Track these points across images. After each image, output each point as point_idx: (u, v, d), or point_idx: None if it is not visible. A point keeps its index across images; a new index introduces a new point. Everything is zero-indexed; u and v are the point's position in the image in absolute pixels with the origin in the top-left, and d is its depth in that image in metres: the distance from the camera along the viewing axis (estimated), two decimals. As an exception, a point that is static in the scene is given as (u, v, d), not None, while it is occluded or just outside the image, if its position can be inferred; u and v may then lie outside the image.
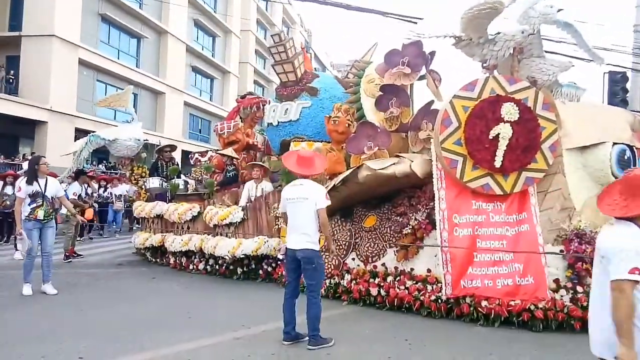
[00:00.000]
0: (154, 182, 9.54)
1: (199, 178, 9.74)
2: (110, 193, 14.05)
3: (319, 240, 4.45)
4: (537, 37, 6.57)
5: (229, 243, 7.28)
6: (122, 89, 22.06)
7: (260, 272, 7.42)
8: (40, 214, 6.25)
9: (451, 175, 5.23)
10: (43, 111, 19.54)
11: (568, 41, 8.45)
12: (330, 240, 4.59)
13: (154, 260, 9.11)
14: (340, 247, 6.14)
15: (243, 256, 7.16)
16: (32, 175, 6.37)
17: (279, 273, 6.92)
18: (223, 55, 34.35)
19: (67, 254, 9.36)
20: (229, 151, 9.11)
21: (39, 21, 19.40)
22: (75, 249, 9.79)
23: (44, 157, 7.15)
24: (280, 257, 6.92)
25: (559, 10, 6.55)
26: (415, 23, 10.27)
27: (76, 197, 9.83)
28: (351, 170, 5.44)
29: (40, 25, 19.41)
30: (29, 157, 18.17)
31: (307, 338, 4.37)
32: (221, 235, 7.63)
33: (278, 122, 8.59)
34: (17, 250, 9.16)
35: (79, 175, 10.54)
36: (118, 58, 24.27)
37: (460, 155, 5.17)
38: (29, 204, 6.25)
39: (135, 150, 9.93)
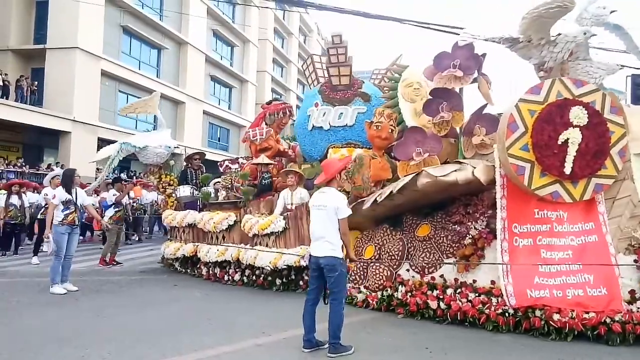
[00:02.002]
0: (185, 191, 9.36)
1: (229, 186, 9.56)
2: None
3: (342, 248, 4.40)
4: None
5: (270, 254, 7.07)
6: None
7: (301, 282, 7.20)
8: (76, 219, 7.02)
9: (517, 182, 4.99)
10: (67, 121, 19.91)
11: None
12: (350, 249, 4.53)
13: (183, 270, 8.83)
14: (392, 257, 5.91)
15: (285, 267, 6.96)
16: (69, 185, 7.06)
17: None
18: (241, 64, 34.62)
19: (105, 259, 9.34)
20: (262, 158, 8.95)
21: (62, 34, 19.87)
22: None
23: (77, 169, 7.71)
24: (303, 263, 6.74)
25: (611, 12, 6.34)
26: (434, 30, 10.11)
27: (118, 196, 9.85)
28: (410, 177, 5.23)
29: (64, 37, 19.89)
30: (54, 167, 18.51)
31: (327, 345, 4.32)
32: (260, 244, 7.44)
33: (330, 126, 8.33)
34: (35, 255, 9.69)
35: (115, 182, 10.66)
36: (139, 69, 24.70)
37: (527, 162, 4.93)
38: (62, 211, 6.90)
39: (164, 157, 9.82)
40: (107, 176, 11.44)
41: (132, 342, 4.58)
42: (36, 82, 20.24)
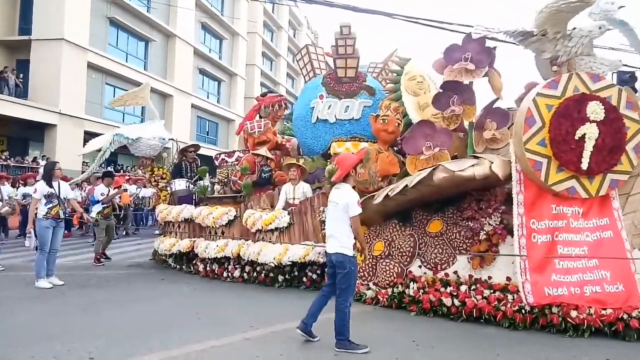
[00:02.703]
0: (181, 184, 9.07)
1: (225, 180, 9.29)
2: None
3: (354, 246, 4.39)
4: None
5: (274, 249, 6.92)
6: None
7: (305, 279, 7.08)
8: (59, 213, 6.95)
9: (534, 177, 4.94)
10: (52, 114, 19.52)
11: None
12: (364, 246, 4.53)
13: (178, 267, 8.58)
14: (403, 253, 5.82)
15: (289, 263, 6.83)
16: (49, 179, 6.98)
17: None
18: (230, 57, 34.19)
19: (97, 256, 8.99)
20: (264, 151, 8.75)
21: (48, 25, 19.42)
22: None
23: (58, 162, 7.69)
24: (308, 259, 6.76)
25: (619, 7, 6.31)
26: (423, 25, 10.02)
27: (105, 196, 9.30)
28: (427, 171, 5.12)
29: (49, 29, 19.44)
30: (39, 160, 18.14)
31: (317, 339, 4.40)
32: (262, 240, 7.28)
33: (336, 119, 8.15)
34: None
35: (105, 176, 10.13)
36: (126, 61, 24.24)
37: (544, 157, 4.87)
38: (45, 204, 6.86)
39: (158, 149, 9.48)
40: (96, 169, 11.06)
41: (120, 337, 4.58)
42: (21, 74, 19.68)
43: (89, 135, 20.83)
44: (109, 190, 9.46)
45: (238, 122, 34.85)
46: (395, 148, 7.61)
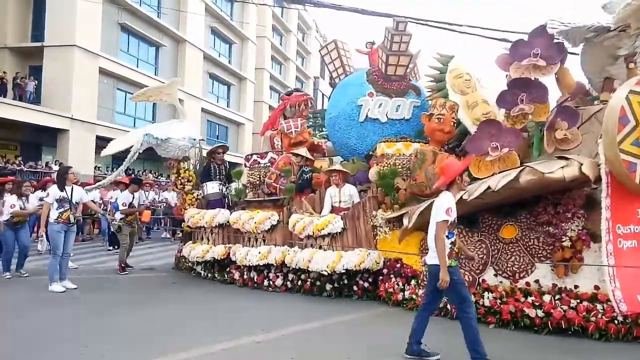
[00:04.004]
0: (214, 187, 8.59)
1: (256, 182, 8.69)
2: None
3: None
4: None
5: (326, 256, 6.56)
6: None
7: (355, 288, 6.74)
8: (70, 217, 6.98)
9: (627, 180, 4.62)
10: (65, 119, 19.63)
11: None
12: (442, 256, 3.96)
13: (210, 276, 8.15)
14: (474, 261, 5.50)
15: (343, 271, 6.50)
16: (62, 183, 7.10)
17: (386, 289, 6.27)
18: (239, 61, 34.11)
19: (122, 265, 8.58)
20: (304, 151, 8.38)
21: (60, 31, 19.62)
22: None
23: (72, 167, 7.77)
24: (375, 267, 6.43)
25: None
26: (433, 27, 9.77)
27: (126, 207, 8.88)
28: (512, 174, 4.81)
29: (61, 35, 19.64)
30: (52, 165, 17.95)
31: (436, 357, 4.06)
32: (311, 247, 6.93)
33: (388, 118, 7.81)
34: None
35: (133, 183, 9.59)
36: (137, 66, 24.32)
37: (639, 158, 4.58)
38: (57, 209, 6.91)
39: (186, 151, 8.88)
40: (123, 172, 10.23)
41: (131, 340, 4.63)
42: (36, 81, 19.79)
43: (100, 140, 21.04)
44: (133, 197, 9.07)
45: (248, 126, 34.84)
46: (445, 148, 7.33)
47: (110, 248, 11.69)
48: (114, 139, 9.99)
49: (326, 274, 6.53)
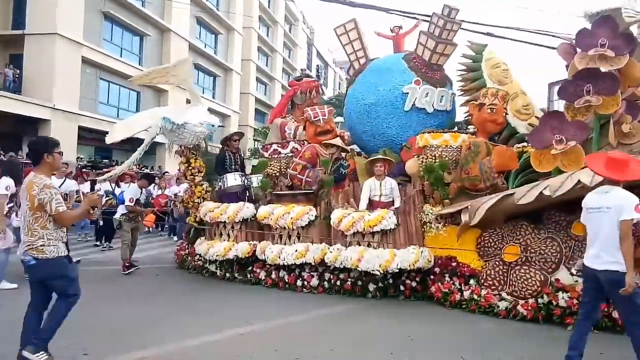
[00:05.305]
0: (236, 179, 7.79)
1: (276, 174, 8.07)
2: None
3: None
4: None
5: (379, 254, 6.05)
6: (124, 86, 20.91)
7: (402, 288, 6.37)
8: None
9: None
10: (46, 109, 18.96)
11: None
12: (629, 260, 3.51)
13: (226, 275, 7.47)
14: (546, 259, 5.24)
15: (397, 271, 6.11)
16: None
17: (442, 289, 5.95)
18: (225, 52, 33.31)
19: (126, 264, 7.84)
20: (338, 141, 7.84)
21: (42, 19, 18.92)
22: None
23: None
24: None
25: None
26: (420, 20, 9.60)
27: (132, 203, 8.20)
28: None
29: (43, 23, 18.93)
30: None
31: None
32: (357, 244, 6.44)
33: (434, 109, 7.44)
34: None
35: (143, 178, 9.04)
36: (121, 56, 23.53)
37: None
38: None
39: (202, 137, 7.99)
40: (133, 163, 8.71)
41: (116, 333, 4.65)
42: (16, 70, 18.89)
43: (83, 131, 20.53)
44: (141, 192, 8.47)
45: (234, 118, 34.01)
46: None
47: (98, 243, 10.83)
48: (97, 129, 9.19)
49: (378, 274, 6.13)
